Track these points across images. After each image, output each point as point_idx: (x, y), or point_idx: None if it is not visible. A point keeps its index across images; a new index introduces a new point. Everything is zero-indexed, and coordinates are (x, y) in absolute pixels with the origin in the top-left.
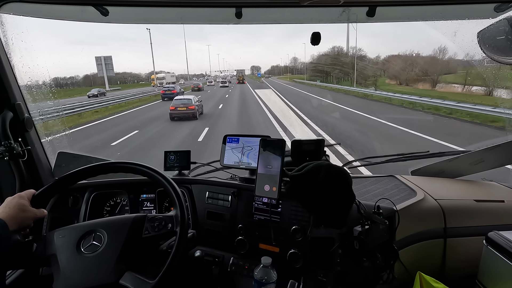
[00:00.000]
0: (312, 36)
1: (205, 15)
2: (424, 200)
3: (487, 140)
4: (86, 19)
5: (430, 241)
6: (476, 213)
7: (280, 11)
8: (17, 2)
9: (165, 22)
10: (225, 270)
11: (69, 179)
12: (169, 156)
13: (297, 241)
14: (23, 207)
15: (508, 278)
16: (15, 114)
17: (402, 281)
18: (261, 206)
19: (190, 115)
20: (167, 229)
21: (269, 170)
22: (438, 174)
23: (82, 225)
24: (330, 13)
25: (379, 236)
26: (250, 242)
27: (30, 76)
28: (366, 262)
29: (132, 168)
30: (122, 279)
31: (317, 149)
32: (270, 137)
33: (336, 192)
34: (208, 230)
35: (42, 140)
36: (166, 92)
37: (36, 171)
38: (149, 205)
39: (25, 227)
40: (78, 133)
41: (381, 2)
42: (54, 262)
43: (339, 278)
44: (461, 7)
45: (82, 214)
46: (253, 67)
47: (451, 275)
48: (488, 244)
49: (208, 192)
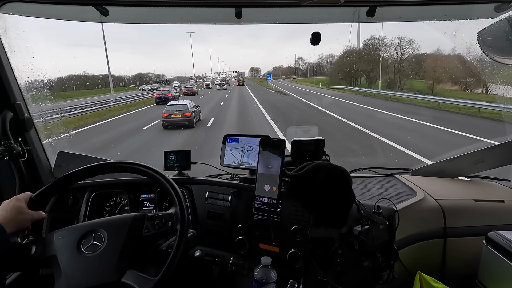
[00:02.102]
0: (312, 36)
1: (205, 15)
2: (424, 200)
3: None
4: (86, 19)
5: (430, 241)
6: (476, 213)
7: (280, 11)
8: (17, 2)
9: (165, 22)
10: (225, 270)
11: (68, 179)
12: (169, 156)
13: (297, 241)
14: (20, 210)
15: (508, 278)
16: (15, 114)
17: (402, 281)
18: (261, 206)
19: (185, 123)
20: (167, 227)
21: (269, 170)
22: (438, 174)
23: (82, 225)
24: (330, 13)
25: (379, 236)
26: (250, 242)
27: (29, 76)
28: (366, 262)
29: (132, 168)
30: (124, 277)
31: (317, 149)
32: (270, 137)
33: (336, 192)
34: (208, 230)
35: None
36: (161, 96)
37: (36, 171)
38: (149, 205)
39: (23, 230)
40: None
41: (381, 2)
42: (55, 263)
43: (339, 278)
44: (461, 7)
45: (82, 214)
46: (253, 69)
47: (451, 275)
48: (488, 244)
49: (208, 192)
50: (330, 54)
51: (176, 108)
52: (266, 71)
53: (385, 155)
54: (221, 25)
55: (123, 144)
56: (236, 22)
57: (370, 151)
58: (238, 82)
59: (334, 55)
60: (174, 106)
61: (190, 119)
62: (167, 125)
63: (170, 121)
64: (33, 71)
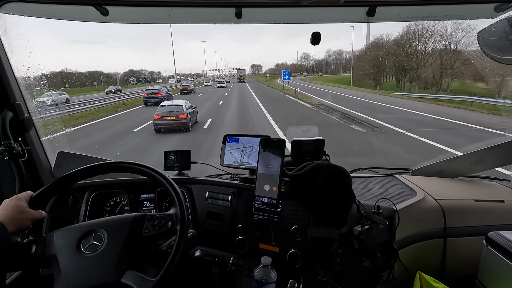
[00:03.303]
0: (312, 36)
1: (205, 15)
2: (424, 200)
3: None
4: (86, 19)
5: (430, 241)
6: (476, 213)
7: (280, 11)
8: (17, 2)
9: (165, 22)
10: (225, 270)
11: (68, 179)
12: (169, 156)
13: (297, 241)
14: (21, 209)
15: (508, 278)
16: (15, 114)
17: (402, 281)
18: (261, 206)
19: (180, 126)
20: (167, 227)
21: (269, 170)
22: (438, 174)
23: (82, 225)
24: (330, 13)
25: (379, 236)
26: (250, 242)
27: (29, 76)
28: (366, 262)
29: (132, 168)
30: (124, 277)
31: (317, 149)
32: (270, 137)
33: (336, 192)
34: (208, 230)
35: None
36: (150, 96)
37: (36, 171)
38: (149, 205)
39: (24, 229)
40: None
41: (381, 2)
42: (55, 263)
43: (339, 278)
44: (461, 7)
45: (82, 214)
46: (254, 66)
47: (451, 275)
48: (488, 244)
49: (208, 192)
50: (338, 50)
51: (170, 109)
52: (268, 68)
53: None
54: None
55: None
56: (236, 22)
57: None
58: (239, 79)
59: (342, 51)
60: (167, 107)
61: (186, 121)
62: (159, 129)
63: (163, 124)
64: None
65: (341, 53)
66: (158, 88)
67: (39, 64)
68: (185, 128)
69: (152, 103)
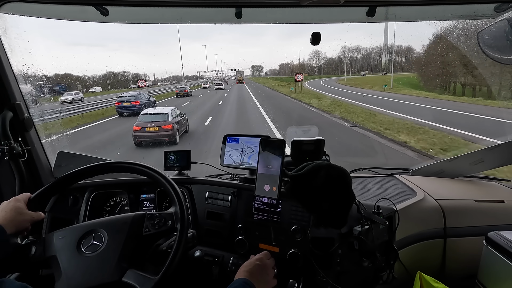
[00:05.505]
0: (312, 36)
1: (205, 15)
2: (424, 200)
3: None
4: (86, 19)
5: (430, 241)
6: (476, 213)
7: (280, 11)
8: (17, 2)
9: (165, 22)
10: (225, 270)
11: (68, 179)
12: (169, 156)
13: (297, 241)
14: (19, 210)
15: (508, 278)
16: (15, 114)
17: (402, 281)
18: (261, 206)
19: (165, 139)
20: (167, 226)
21: (269, 170)
22: (438, 174)
23: (82, 225)
24: (330, 13)
25: (379, 236)
26: (250, 242)
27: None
28: (366, 262)
29: (132, 168)
30: (125, 277)
31: (317, 149)
32: (270, 137)
33: (336, 192)
34: (208, 230)
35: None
36: (123, 105)
37: (36, 171)
38: (149, 205)
39: (23, 230)
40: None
41: (381, 2)
42: (55, 264)
43: (339, 278)
44: (461, 7)
45: (82, 214)
46: (254, 67)
47: (451, 275)
48: (488, 244)
49: (208, 192)
50: (355, 46)
51: (152, 118)
52: (268, 69)
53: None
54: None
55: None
56: (236, 22)
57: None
58: (238, 80)
59: (360, 48)
60: (150, 116)
61: (171, 133)
62: (140, 142)
63: (143, 137)
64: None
65: (358, 50)
66: (134, 94)
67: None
68: (170, 141)
69: (128, 113)
